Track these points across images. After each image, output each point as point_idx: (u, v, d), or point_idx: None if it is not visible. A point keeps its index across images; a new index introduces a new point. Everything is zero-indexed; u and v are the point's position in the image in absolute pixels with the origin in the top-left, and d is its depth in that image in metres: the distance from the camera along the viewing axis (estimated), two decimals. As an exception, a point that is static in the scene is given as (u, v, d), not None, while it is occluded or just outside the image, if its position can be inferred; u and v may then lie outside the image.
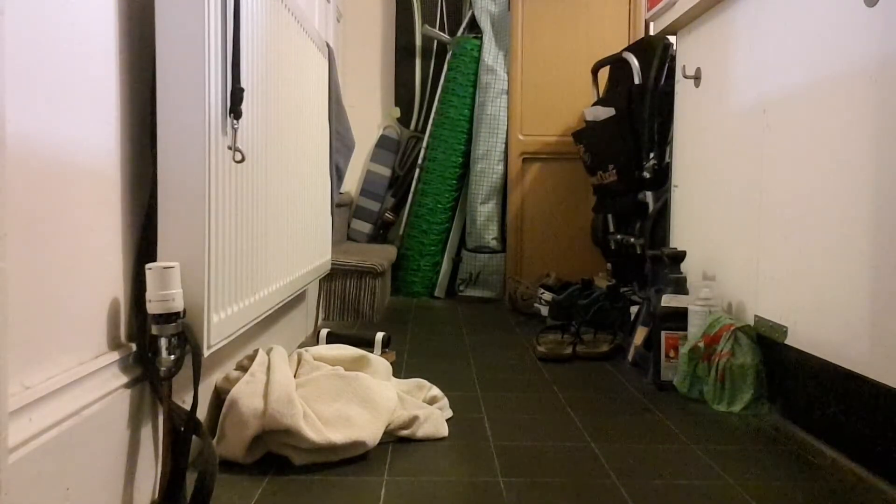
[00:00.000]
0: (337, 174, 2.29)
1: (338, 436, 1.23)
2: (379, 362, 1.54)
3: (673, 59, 2.29)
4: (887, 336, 1.18)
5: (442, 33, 3.44)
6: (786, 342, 1.49)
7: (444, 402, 1.53)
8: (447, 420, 1.46)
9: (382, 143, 3.49)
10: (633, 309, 2.15)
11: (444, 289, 3.29)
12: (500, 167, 3.18)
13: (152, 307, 0.99)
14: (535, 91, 3.16)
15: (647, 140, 2.36)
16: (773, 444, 1.38)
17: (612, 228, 2.74)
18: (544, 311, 2.67)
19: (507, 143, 3.18)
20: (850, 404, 1.30)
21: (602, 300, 2.37)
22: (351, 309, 2.63)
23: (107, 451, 0.94)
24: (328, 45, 2.18)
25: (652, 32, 2.40)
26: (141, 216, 1.06)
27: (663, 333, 1.76)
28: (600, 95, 2.83)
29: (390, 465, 1.25)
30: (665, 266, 1.87)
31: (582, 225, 3.06)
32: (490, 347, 2.21)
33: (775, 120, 1.58)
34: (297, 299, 2.07)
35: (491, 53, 3.22)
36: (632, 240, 2.49)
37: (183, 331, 1.03)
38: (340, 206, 3.07)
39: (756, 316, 1.63)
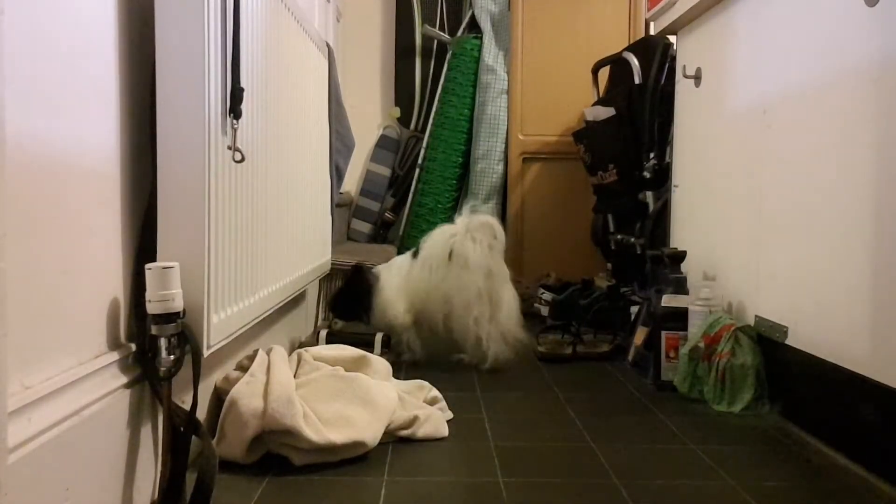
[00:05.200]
0: (337, 174, 2.29)
1: (338, 436, 1.23)
2: (379, 362, 1.53)
3: (673, 58, 2.29)
4: (887, 336, 1.18)
5: (442, 33, 3.44)
6: (786, 342, 1.49)
7: (445, 403, 1.53)
8: (447, 420, 1.46)
9: (382, 142, 3.49)
10: (634, 309, 2.15)
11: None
12: (500, 167, 3.18)
13: (152, 307, 0.99)
14: (535, 91, 3.15)
15: (648, 140, 2.36)
16: (773, 444, 1.38)
17: (612, 228, 2.74)
18: (544, 311, 2.67)
19: (507, 143, 3.18)
20: (850, 404, 1.30)
21: (602, 300, 2.37)
22: (351, 309, 2.62)
23: (107, 451, 0.94)
24: (328, 45, 2.18)
25: (652, 32, 2.40)
26: (141, 216, 1.06)
27: (663, 333, 1.76)
28: (600, 95, 2.83)
29: (390, 465, 1.25)
30: (665, 266, 1.87)
31: (582, 225, 3.06)
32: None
33: (775, 120, 1.58)
34: (297, 299, 2.07)
35: (491, 53, 3.22)
36: (632, 240, 2.49)
37: (183, 331, 1.03)
38: (340, 206, 3.07)
39: (756, 316, 1.63)
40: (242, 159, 1.20)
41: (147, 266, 1.00)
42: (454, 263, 1.93)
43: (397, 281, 2.03)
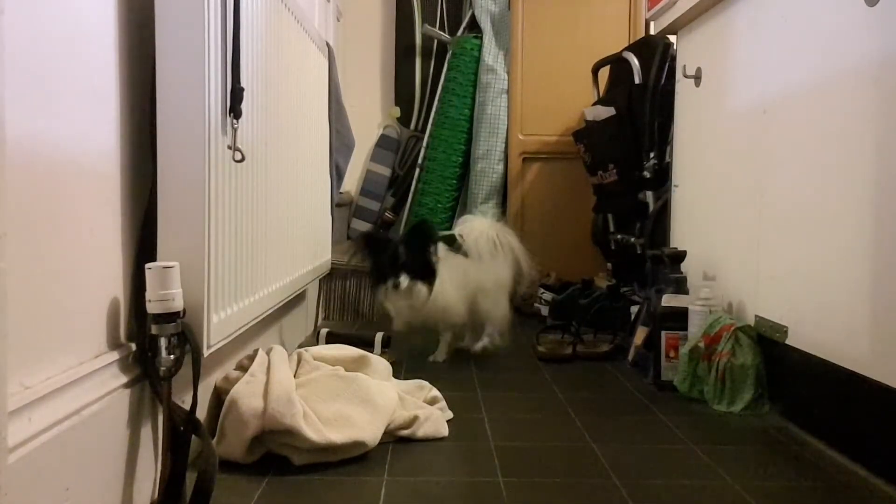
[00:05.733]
0: (337, 173, 2.29)
1: (338, 436, 1.23)
2: (379, 362, 1.53)
3: (673, 58, 2.29)
4: (887, 336, 1.18)
5: (442, 33, 3.44)
6: (786, 342, 1.49)
7: (445, 402, 1.53)
8: (447, 420, 1.46)
9: (382, 142, 3.49)
10: (634, 309, 2.15)
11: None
12: (500, 167, 3.18)
13: (152, 307, 0.99)
14: (536, 91, 3.15)
15: (648, 140, 2.36)
16: (773, 444, 1.38)
17: (612, 228, 2.73)
18: (544, 311, 2.67)
19: (507, 143, 3.17)
20: (850, 404, 1.30)
21: (602, 300, 2.37)
22: (351, 309, 2.63)
23: (106, 451, 0.93)
24: (328, 45, 2.18)
25: (652, 32, 2.39)
26: (141, 216, 1.06)
27: (663, 333, 1.76)
28: (600, 95, 2.83)
29: (390, 465, 1.25)
30: (665, 266, 1.87)
31: (582, 225, 3.06)
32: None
33: (775, 119, 1.58)
34: (297, 299, 2.07)
35: (491, 53, 3.22)
36: (632, 240, 2.49)
37: (183, 331, 1.03)
38: (340, 205, 3.07)
39: (756, 316, 1.63)
40: (242, 159, 1.20)
41: (147, 266, 1.00)
42: (500, 253, 2.04)
43: (449, 272, 1.95)
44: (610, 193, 2.61)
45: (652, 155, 2.35)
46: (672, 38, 2.30)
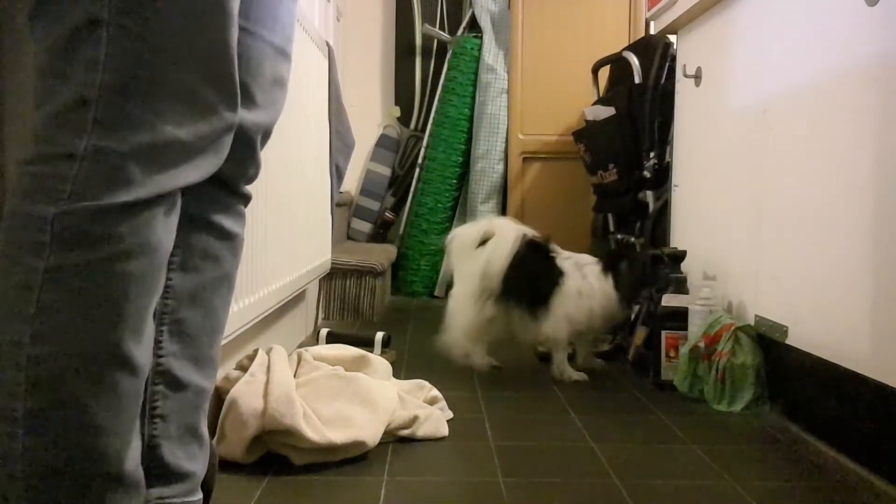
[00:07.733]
0: (337, 173, 2.29)
1: (338, 435, 1.23)
2: (379, 362, 1.53)
3: (673, 58, 2.29)
4: (887, 336, 1.18)
5: (442, 32, 3.44)
6: (786, 342, 1.49)
7: (445, 402, 1.53)
8: (447, 420, 1.46)
9: (382, 142, 3.49)
10: (634, 309, 2.15)
11: (444, 288, 3.29)
12: (501, 167, 3.18)
13: (152, 307, 0.99)
14: (536, 90, 3.15)
15: (648, 139, 2.36)
16: (773, 444, 1.38)
17: (612, 228, 2.73)
18: (544, 310, 2.66)
19: (507, 143, 3.17)
20: (850, 404, 1.30)
21: (602, 300, 2.36)
22: (351, 309, 2.63)
23: (106, 451, 0.93)
24: (328, 45, 2.18)
25: (652, 32, 2.40)
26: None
27: (664, 333, 1.76)
28: (601, 95, 2.83)
29: (390, 465, 1.25)
30: (665, 266, 1.87)
31: (582, 225, 3.06)
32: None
33: (776, 119, 1.58)
34: (297, 299, 2.07)
35: (491, 53, 3.22)
36: (632, 239, 2.49)
37: (183, 331, 1.03)
38: (340, 205, 3.07)
39: (756, 315, 1.63)
40: (242, 159, 1.19)
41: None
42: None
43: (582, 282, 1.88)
44: (610, 193, 2.61)
45: (652, 155, 2.35)
46: (672, 38, 2.30)
